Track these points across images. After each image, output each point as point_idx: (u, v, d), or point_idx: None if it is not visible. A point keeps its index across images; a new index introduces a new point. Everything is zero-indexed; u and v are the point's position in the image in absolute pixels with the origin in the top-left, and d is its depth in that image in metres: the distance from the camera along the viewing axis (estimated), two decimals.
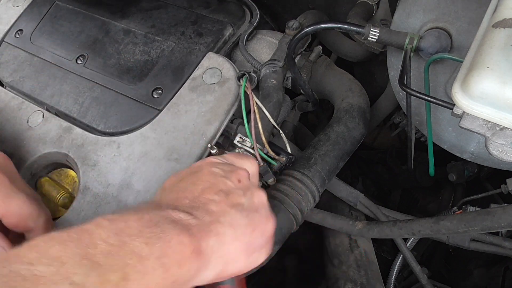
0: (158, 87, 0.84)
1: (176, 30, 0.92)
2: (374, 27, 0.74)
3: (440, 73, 0.76)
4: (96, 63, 0.92)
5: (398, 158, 1.36)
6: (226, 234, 0.50)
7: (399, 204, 1.39)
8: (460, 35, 0.73)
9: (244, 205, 0.54)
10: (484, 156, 0.80)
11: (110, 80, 0.88)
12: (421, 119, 0.83)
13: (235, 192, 0.55)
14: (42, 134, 0.83)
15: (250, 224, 0.53)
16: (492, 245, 0.85)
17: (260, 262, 0.56)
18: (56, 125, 0.83)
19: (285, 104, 0.96)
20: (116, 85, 0.87)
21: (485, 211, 0.67)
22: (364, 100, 0.90)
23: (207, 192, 0.53)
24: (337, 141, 0.81)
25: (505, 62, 0.49)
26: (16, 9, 1.07)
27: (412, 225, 0.74)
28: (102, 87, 0.88)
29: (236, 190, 0.55)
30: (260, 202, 0.57)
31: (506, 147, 0.53)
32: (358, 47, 1.05)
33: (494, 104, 0.50)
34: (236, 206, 0.53)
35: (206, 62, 0.84)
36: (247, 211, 0.54)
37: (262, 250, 0.55)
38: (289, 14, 1.19)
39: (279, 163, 0.72)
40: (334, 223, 0.82)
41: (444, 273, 1.18)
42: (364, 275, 0.80)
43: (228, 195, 0.54)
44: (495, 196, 1.03)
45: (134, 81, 0.87)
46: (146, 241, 0.42)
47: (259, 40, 0.97)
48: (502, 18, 0.52)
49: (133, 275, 0.40)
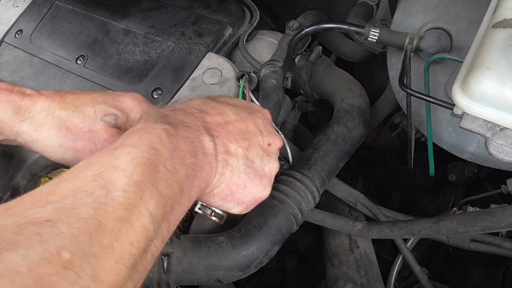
0: (158, 87, 0.84)
1: (176, 31, 0.92)
2: (374, 27, 0.74)
3: (440, 74, 0.76)
4: (96, 63, 0.92)
5: (398, 158, 1.36)
6: (225, 175, 0.54)
7: (399, 204, 1.39)
8: (460, 35, 0.73)
9: (254, 164, 0.58)
10: (484, 156, 0.80)
11: (110, 80, 0.88)
12: (421, 120, 0.83)
13: (257, 150, 0.58)
14: None
15: (246, 180, 0.56)
16: (492, 246, 0.85)
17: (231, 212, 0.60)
18: None
19: (285, 104, 0.95)
20: (116, 86, 0.87)
21: (485, 212, 0.67)
22: (364, 100, 0.90)
23: (240, 133, 0.57)
24: (337, 142, 0.81)
25: (505, 62, 0.49)
26: (16, 9, 1.07)
27: (412, 225, 0.74)
28: (102, 87, 0.88)
29: (260, 149, 0.59)
30: (269, 171, 0.60)
31: (506, 148, 0.53)
32: (358, 48, 1.05)
33: (494, 104, 0.50)
34: (247, 160, 0.56)
35: (206, 63, 0.84)
36: (253, 170, 0.57)
37: (240, 205, 0.59)
38: (289, 14, 1.19)
39: None
40: (334, 223, 0.82)
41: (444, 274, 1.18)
42: (364, 276, 0.80)
43: (250, 148, 0.57)
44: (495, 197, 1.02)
45: (134, 81, 0.87)
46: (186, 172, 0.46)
47: (259, 40, 0.97)
48: (502, 18, 0.52)
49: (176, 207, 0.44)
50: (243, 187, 0.57)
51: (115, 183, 0.39)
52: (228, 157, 0.54)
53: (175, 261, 0.64)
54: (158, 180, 0.42)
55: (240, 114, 0.58)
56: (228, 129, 0.55)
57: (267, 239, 0.67)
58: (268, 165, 0.60)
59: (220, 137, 0.54)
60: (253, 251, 0.65)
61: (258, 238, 0.66)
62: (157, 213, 0.40)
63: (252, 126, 0.59)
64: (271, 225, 0.68)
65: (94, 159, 0.41)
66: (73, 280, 0.31)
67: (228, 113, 0.57)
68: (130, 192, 0.39)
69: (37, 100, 0.57)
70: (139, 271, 0.38)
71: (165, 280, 0.63)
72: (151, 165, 0.42)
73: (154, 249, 0.41)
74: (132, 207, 0.38)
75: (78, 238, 0.33)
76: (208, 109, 0.56)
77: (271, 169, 0.61)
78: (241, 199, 0.58)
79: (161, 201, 0.41)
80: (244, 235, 0.66)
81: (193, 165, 0.48)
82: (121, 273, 0.35)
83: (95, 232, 0.35)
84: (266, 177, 0.60)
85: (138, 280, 0.39)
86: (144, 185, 0.40)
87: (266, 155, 0.60)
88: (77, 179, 0.39)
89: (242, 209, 0.60)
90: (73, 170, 0.41)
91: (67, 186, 0.38)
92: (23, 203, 0.36)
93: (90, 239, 0.34)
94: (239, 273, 0.66)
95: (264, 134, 0.60)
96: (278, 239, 0.68)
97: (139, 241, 0.38)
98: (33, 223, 0.33)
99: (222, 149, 0.53)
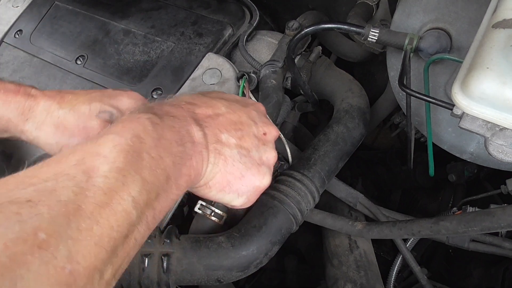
0: (157, 87, 0.84)
1: (176, 31, 0.92)
2: (374, 28, 0.74)
3: (439, 74, 0.76)
4: (95, 63, 0.92)
5: (398, 158, 1.36)
6: (218, 164, 0.54)
7: (399, 204, 1.39)
8: (460, 35, 0.73)
9: (250, 153, 0.58)
10: (484, 156, 0.80)
11: (109, 80, 0.88)
12: (421, 120, 0.83)
13: (252, 139, 0.58)
14: None
15: (243, 170, 0.56)
16: (491, 246, 0.85)
17: (233, 204, 0.60)
18: None
19: (284, 104, 0.96)
20: (115, 86, 0.87)
21: (484, 212, 0.67)
22: (364, 100, 0.90)
23: (232, 124, 0.57)
24: (337, 142, 0.81)
25: (505, 62, 0.49)
26: (16, 9, 1.07)
27: (412, 225, 0.74)
28: (101, 87, 0.88)
29: (255, 139, 0.59)
30: (267, 159, 0.60)
31: (506, 148, 0.53)
32: (358, 48, 1.05)
33: (493, 104, 0.50)
34: (241, 149, 0.56)
35: (205, 63, 0.84)
36: (250, 158, 0.57)
37: (241, 197, 0.59)
38: (289, 15, 1.19)
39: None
40: (334, 223, 0.82)
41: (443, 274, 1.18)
42: (363, 276, 0.80)
43: (243, 137, 0.57)
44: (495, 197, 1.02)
45: (133, 81, 0.87)
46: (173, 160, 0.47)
47: (259, 40, 0.97)
48: (502, 18, 0.52)
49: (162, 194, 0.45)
50: (240, 177, 0.56)
51: (97, 169, 0.39)
52: (220, 147, 0.54)
53: (175, 261, 0.64)
54: (142, 167, 0.42)
55: (232, 107, 0.59)
56: (218, 121, 0.56)
57: (267, 239, 0.67)
58: (265, 154, 0.60)
59: (210, 127, 0.54)
60: (253, 251, 0.65)
61: (258, 238, 0.66)
62: (140, 199, 0.41)
63: (245, 117, 0.59)
64: (270, 225, 0.68)
65: (79, 147, 0.43)
66: (47, 260, 0.32)
67: (219, 106, 0.58)
68: (111, 177, 0.39)
69: (40, 100, 0.61)
70: (121, 256, 0.39)
71: (165, 280, 0.63)
72: (134, 152, 0.43)
73: (138, 235, 0.41)
74: (113, 192, 0.39)
75: (56, 220, 0.34)
76: (197, 102, 0.56)
77: (269, 157, 0.61)
78: (240, 190, 0.57)
79: (145, 187, 0.42)
80: (244, 235, 0.66)
81: (181, 153, 0.48)
82: (100, 255, 0.36)
83: (73, 215, 0.35)
84: (264, 165, 0.60)
85: (120, 266, 0.39)
86: (127, 172, 0.41)
87: (262, 144, 0.60)
88: (60, 164, 0.40)
89: (244, 200, 0.60)
90: (58, 156, 0.41)
91: (49, 170, 0.39)
92: (7, 184, 0.37)
93: (68, 221, 0.35)
94: (239, 273, 0.66)
95: (258, 124, 0.60)
96: (278, 239, 0.68)
97: (120, 225, 0.38)
98: (14, 203, 0.34)
99: (213, 138, 0.54)
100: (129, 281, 0.62)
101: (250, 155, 0.58)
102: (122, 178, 0.40)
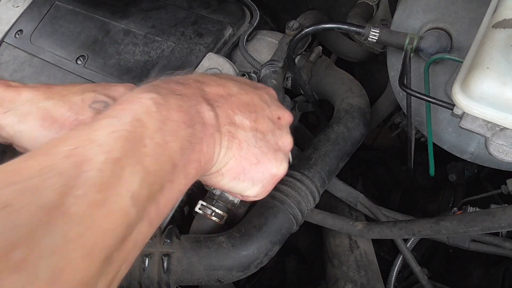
0: None
1: (176, 31, 0.92)
2: (374, 28, 0.74)
3: (440, 74, 0.76)
4: (96, 63, 0.92)
5: (398, 158, 1.36)
6: (232, 149, 0.49)
7: (399, 204, 1.39)
8: (460, 35, 0.73)
9: (266, 137, 0.52)
10: (484, 156, 0.80)
11: (110, 80, 0.88)
12: (421, 120, 0.83)
13: (267, 122, 0.53)
14: None
15: (259, 155, 0.51)
16: (492, 246, 0.85)
17: (247, 194, 0.55)
18: None
19: (285, 104, 0.95)
20: None
21: (485, 212, 0.67)
22: (364, 100, 0.90)
23: (245, 105, 0.51)
24: (337, 142, 0.81)
25: (505, 62, 0.49)
26: (16, 9, 1.07)
27: (412, 225, 0.74)
28: None
29: (270, 122, 0.54)
30: (283, 145, 0.55)
31: (506, 148, 0.53)
32: (358, 48, 1.05)
33: (494, 104, 0.50)
34: (257, 132, 0.51)
35: (206, 63, 0.84)
36: (266, 143, 0.52)
37: (256, 185, 0.53)
38: (289, 15, 1.19)
39: None
40: (334, 223, 0.82)
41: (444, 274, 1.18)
42: (364, 276, 0.80)
43: (258, 120, 0.52)
44: (495, 197, 1.02)
45: (134, 81, 0.87)
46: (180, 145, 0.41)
47: (259, 40, 0.97)
48: (502, 18, 0.52)
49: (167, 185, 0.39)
50: (256, 163, 0.51)
51: (90, 160, 0.34)
52: (234, 129, 0.48)
53: (175, 261, 0.64)
54: (144, 155, 0.37)
55: (244, 88, 0.53)
56: (231, 100, 0.50)
57: (267, 239, 0.67)
58: (281, 139, 0.55)
59: (223, 107, 0.48)
60: (253, 251, 0.65)
61: (258, 238, 0.66)
62: (140, 193, 0.35)
63: (258, 99, 0.54)
64: (271, 225, 0.68)
65: (71, 133, 0.37)
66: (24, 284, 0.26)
67: (230, 86, 0.52)
68: (106, 170, 0.34)
69: (22, 91, 0.54)
70: (116, 263, 0.34)
71: (165, 280, 0.63)
72: (135, 138, 0.37)
73: (138, 236, 0.36)
74: (109, 188, 0.33)
75: (37, 231, 0.29)
76: (207, 80, 0.51)
77: (285, 143, 0.55)
78: (255, 177, 0.52)
79: (147, 179, 0.36)
80: (244, 235, 0.66)
81: (190, 136, 0.42)
82: (91, 268, 0.30)
83: (59, 222, 0.30)
84: (281, 151, 0.54)
85: (117, 273, 0.34)
86: (125, 162, 0.35)
87: (278, 129, 0.55)
88: (48, 156, 0.34)
89: (259, 190, 0.55)
90: (48, 145, 0.36)
91: (35, 164, 0.33)
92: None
93: (52, 231, 0.29)
94: (239, 273, 0.66)
95: (272, 107, 0.55)
96: (278, 239, 0.68)
97: (116, 228, 0.33)
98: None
99: (226, 120, 0.48)
100: (129, 281, 0.62)
101: (266, 139, 0.52)
102: (119, 170, 0.35)
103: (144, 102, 0.41)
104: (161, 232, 0.66)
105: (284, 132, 0.56)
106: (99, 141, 0.35)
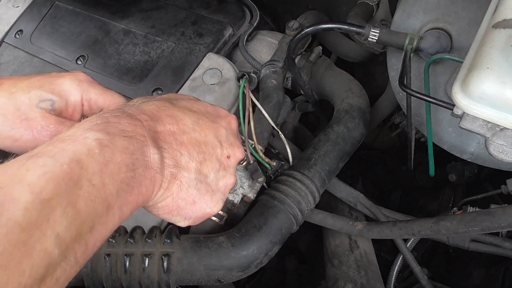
0: (158, 87, 0.84)
1: (176, 31, 0.92)
2: (374, 28, 0.74)
3: (440, 74, 0.76)
4: (96, 63, 0.92)
5: (398, 158, 1.36)
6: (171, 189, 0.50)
7: (399, 204, 1.39)
8: (460, 35, 0.73)
9: (208, 178, 0.53)
10: (484, 156, 0.80)
11: (110, 80, 0.88)
12: (421, 120, 0.83)
13: (213, 163, 0.54)
14: None
15: (196, 196, 0.52)
16: (492, 246, 0.85)
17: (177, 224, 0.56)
18: None
19: (285, 104, 0.96)
20: (116, 86, 0.87)
21: (485, 212, 0.67)
22: (364, 100, 0.90)
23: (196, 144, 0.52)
24: (337, 142, 0.81)
25: (505, 62, 0.49)
26: (16, 9, 1.07)
27: (412, 225, 0.74)
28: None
29: (216, 163, 0.54)
30: (223, 186, 0.56)
31: (506, 148, 0.53)
32: (358, 48, 1.05)
33: (494, 104, 0.50)
34: (200, 175, 0.52)
35: (206, 63, 0.84)
36: (206, 185, 0.53)
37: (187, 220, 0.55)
38: (289, 15, 1.19)
39: (271, 166, 0.73)
40: (334, 223, 0.82)
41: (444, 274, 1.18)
42: (364, 276, 0.80)
43: (205, 161, 0.53)
44: (495, 197, 1.02)
45: (134, 81, 0.87)
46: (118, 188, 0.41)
47: (259, 40, 0.97)
48: (502, 18, 0.52)
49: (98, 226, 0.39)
50: (191, 203, 0.52)
51: (15, 200, 0.33)
52: (177, 171, 0.49)
53: (175, 261, 0.64)
54: (77, 197, 0.37)
55: (199, 122, 0.54)
56: (182, 140, 0.51)
57: (267, 239, 0.67)
58: (223, 180, 0.56)
59: (170, 149, 0.49)
60: (253, 251, 0.65)
61: (258, 238, 0.66)
62: (66, 235, 0.35)
63: (211, 136, 0.54)
64: (271, 225, 0.68)
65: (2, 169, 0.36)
66: None
67: (186, 121, 0.52)
68: (33, 210, 0.34)
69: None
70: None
71: (165, 280, 0.63)
72: (70, 180, 0.37)
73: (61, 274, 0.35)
74: (33, 228, 0.33)
75: None
76: (163, 116, 0.51)
77: (227, 183, 0.57)
78: (188, 215, 0.54)
79: (76, 221, 0.36)
80: (244, 235, 0.66)
81: (130, 179, 0.42)
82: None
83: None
84: (219, 192, 0.56)
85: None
86: (56, 202, 0.35)
87: (223, 169, 0.56)
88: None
89: (189, 223, 0.56)
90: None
91: None
92: None
93: None
94: (239, 273, 0.66)
95: (224, 145, 0.56)
96: (278, 239, 0.68)
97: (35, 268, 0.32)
98: None
99: (171, 162, 0.49)
100: (129, 281, 0.62)
101: (207, 181, 0.53)
102: (47, 210, 0.34)
103: (88, 142, 0.40)
104: (161, 232, 0.66)
105: (228, 172, 0.57)
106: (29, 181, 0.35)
